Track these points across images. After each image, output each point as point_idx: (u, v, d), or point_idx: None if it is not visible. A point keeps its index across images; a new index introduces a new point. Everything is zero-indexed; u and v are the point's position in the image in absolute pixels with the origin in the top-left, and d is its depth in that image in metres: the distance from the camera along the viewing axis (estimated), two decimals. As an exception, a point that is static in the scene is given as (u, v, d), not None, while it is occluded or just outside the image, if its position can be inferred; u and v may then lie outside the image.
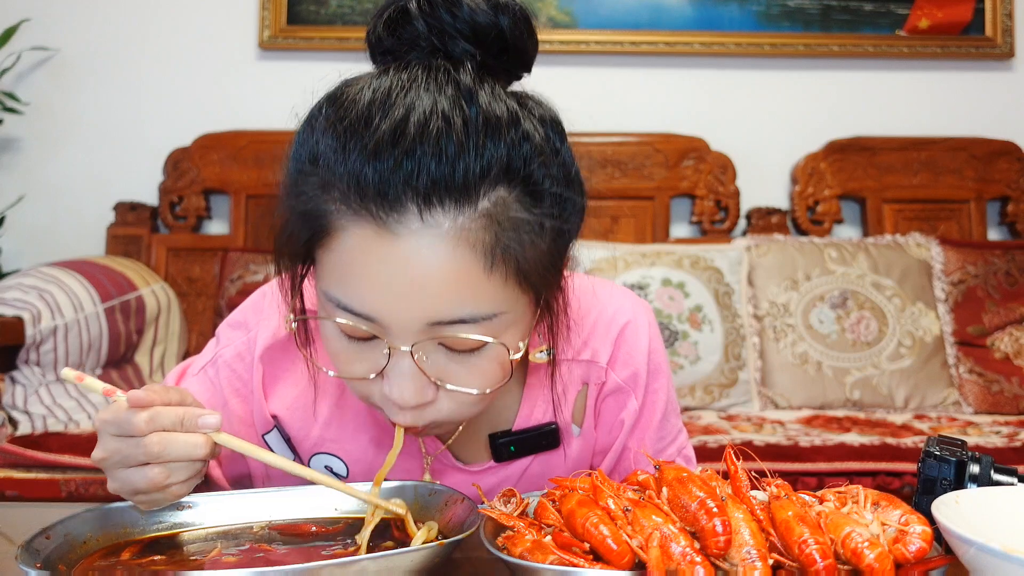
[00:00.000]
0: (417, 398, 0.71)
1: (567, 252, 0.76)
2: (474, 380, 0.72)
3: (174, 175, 2.75)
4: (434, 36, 0.71)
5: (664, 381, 0.95)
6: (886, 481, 1.76)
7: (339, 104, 0.69)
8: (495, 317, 0.69)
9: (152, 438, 0.71)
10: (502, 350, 0.71)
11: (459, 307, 0.68)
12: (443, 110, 0.66)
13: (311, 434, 0.93)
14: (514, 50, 0.73)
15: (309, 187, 0.69)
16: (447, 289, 0.67)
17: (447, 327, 0.68)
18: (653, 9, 2.81)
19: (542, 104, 0.74)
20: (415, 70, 0.69)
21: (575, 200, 0.73)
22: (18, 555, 0.62)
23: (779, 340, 2.42)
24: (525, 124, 0.69)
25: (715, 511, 0.61)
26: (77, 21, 2.82)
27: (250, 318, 0.94)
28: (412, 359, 0.70)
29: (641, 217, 2.75)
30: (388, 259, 0.66)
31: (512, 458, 0.92)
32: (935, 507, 0.61)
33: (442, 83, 0.68)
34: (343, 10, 2.80)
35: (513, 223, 0.67)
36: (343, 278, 0.69)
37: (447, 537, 0.67)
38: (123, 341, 2.33)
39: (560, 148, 0.72)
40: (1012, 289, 2.52)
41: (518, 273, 0.69)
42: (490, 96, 0.69)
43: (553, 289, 0.76)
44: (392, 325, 0.68)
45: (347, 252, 0.68)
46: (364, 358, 0.73)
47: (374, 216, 0.65)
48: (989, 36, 2.83)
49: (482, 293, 0.68)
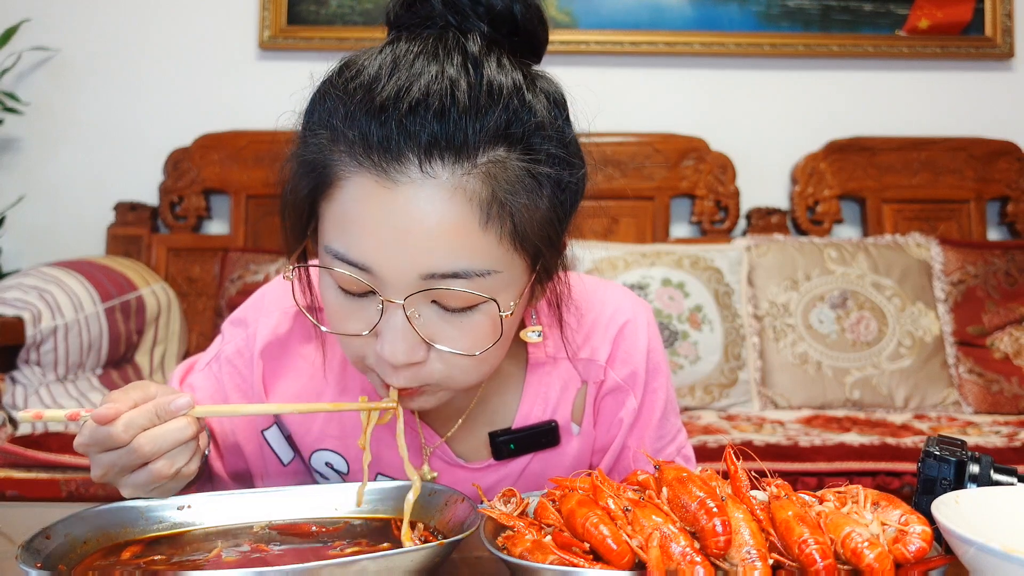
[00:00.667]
0: (408, 356, 0.72)
1: (566, 223, 0.78)
2: (465, 341, 0.73)
3: (174, 175, 2.75)
4: (449, 13, 0.73)
5: (663, 380, 0.95)
6: (886, 481, 1.76)
7: (350, 67, 0.72)
8: (489, 275, 0.70)
9: (140, 440, 0.73)
10: (493, 308, 0.72)
11: (454, 260, 0.69)
12: (449, 74, 0.69)
13: (312, 430, 0.93)
14: (524, 33, 0.75)
15: (317, 139, 0.72)
16: (442, 240, 0.68)
17: (440, 280, 0.69)
18: (653, 9, 2.82)
19: (549, 80, 0.77)
20: (427, 40, 0.72)
21: (575, 166, 0.75)
22: (18, 555, 0.62)
23: (779, 340, 2.42)
24: (528, 95, 0.71)
25: (715, 511, 0.61)
26: (77, 21, 2.82)
27: (250, 315, 0.95)
28: (404, 315, 0.71)
29: (641, 217, 2.75)
30: (386, 207, 0.68)
31: (512, 456, 0.92)
32: (935, 507, 0.61)
33: (451, 49, 0.70)
34: (343, 10, 2.80)
35: (510, 181, 0.70)
36: (343, 228, 0.71)
37: (447, 537, 0.67)
38: (123, 341, 2.33)
39: (561, 123, 0.75)
40: (1012, 289, 2.52)
41: (514, 232, 0.70)
42: (496, 65, 0.71)
43: (551, 257, 0.77)
44: (387, 276, 0.70)
45: (348, 202, 0.70)
46: (359, 316, 0.74)
47: (376, 166, 0.68)
48: (989, 36, 2.83)
49: (477, 247, 0.69)
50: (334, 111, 0.71)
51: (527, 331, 0.80)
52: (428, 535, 0.73)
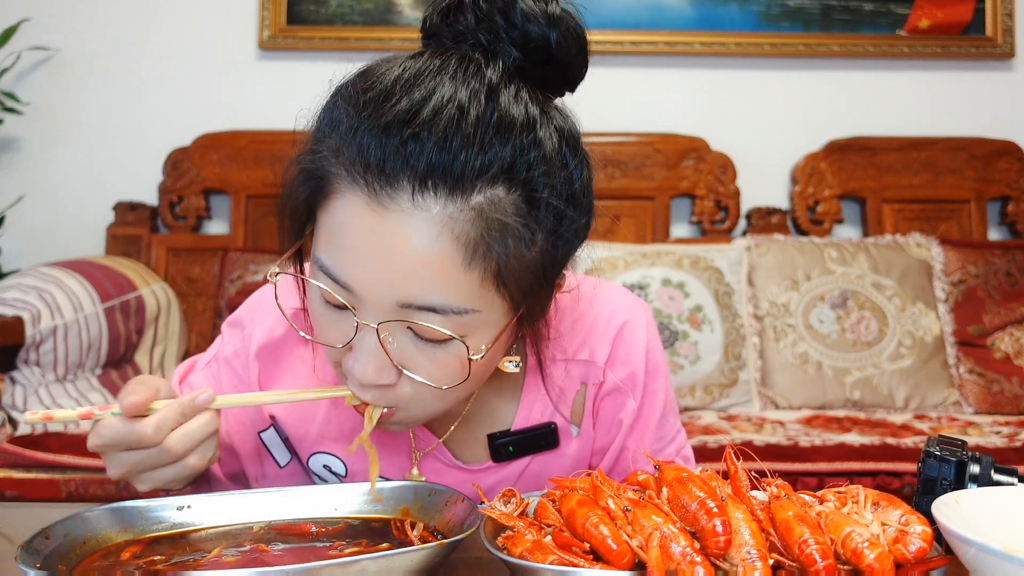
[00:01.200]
0: (376, 377, 0.72)
1: (559, 269, 0.76)
2: (435, 373, 0.73)
3: (174, 175, 2.75)
4: (482, 33, 0.71)
5: (662, 381, 0.94)
6: (886, 481, 1.76)
7: (367, 77, 0.71)
8: (466, 313, 0.69)
9: (171, 440, 0.74)
10: (463, 348, 0.71)
11: (431, 294, 0.68)
12: (461, 100, 0.67)
13: (310, 433, 0.93)
14: (557, 63, 0.73)
15: (322, 148, 0.71)
16: (423, 272, 0.67)
17: (416, 312, 0.69)
18: (653, 9, 2.81)
19: (566, 116, 0.74)
20: (449, 58, 0.70)
21: (575, 218, 0.73)
22: (18, 555, 0.62)
23: (779, 340, 2.42)
24: (540, 131, 0.69)
25: (715, 511, 0.61)
26: (77, 21, 2.82)
27: (247, 317, 0.95)
28: (378, 338, 0.70)
29: (641, 217, 2.75)
30: (373, 232, 0.67)
31: (511, 458, 0.92)
32: (935, 507, 0.61)
33: (469, 75, 0.69)
34: (343, 10, 2.80)
35: (502, 225, 0.68)
36: (331, 242, 0.71)
37: (447, 537, 0.67)
38: (123, 341, 2.33)
39: (570, 163, 0.72)
40: (1012, 289, 2.52)
41: (497, 276, 0.69)
42: (512, 96, 0.69)
43: (536, 303, 0.75)
44: (364, 298, 0.70)
45: (339, 217, 0.69)
46: (337, 327, 0.74)
47: (369, 187, 0.67)
48: (989, 36, 2.83)
49: (457, 285, 0.68)
50: (341, 121, 0.70)
51: (505, 360, 0.79)
52: (428, 535, 0.73)
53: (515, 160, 0.67)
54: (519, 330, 0.78)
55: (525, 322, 0.76)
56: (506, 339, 0.76)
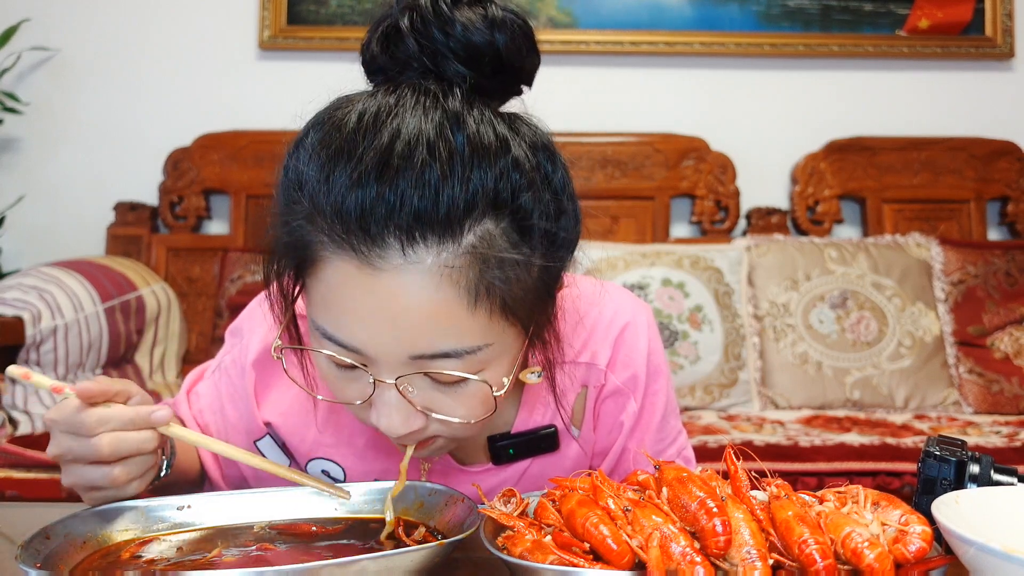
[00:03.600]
0: (404, 427, 0.71)
1: (558, 279, 0.75)
2: (461, 410, 0.72)
3: (174, 175, 2.75)
4: (426, 56, 0.68)
5: (663, 382, 0.94)
6: (886, 481, 1.76)
7: (326, 129, 0.67)
8: (479, 350, 0.69)
9: (103, 439, 0.73)
10: (485, 387, 0.70)
11: (442, 342, 0.67)
12: (428, 139, 0.64)
13: (307, 439, 0.92)
14: (510, 69, 0.70)
15: (295, 216, 0.68)
16: (429, 325, 0.66)
17: (430, 361, 0.68)
18: (653, 9, 2.81)
19: (534, 128, 0.72)
20: (404, 93, 0.67)
21: (566, 231, 0.72)
22: (18, 555, 0.62)
23: (779, 340, 2.42)
24: (515, 151, 0.67)
25: (715, 511, 0.61)
26: (77, 21, 2.82)
27: (245, 325, 0.95)
28: (397, 391, 0.70)
29: (641, 217, 2.75)
30: (370, 293, 0.65)
31: (511, 461, 0.91)
32: (935, 507, 0.61)
33: (429, 109, 0.66)
34: (343, 10, 2.80)
35: (499, 259, 0.66)
36: (328, 308, 0.68)
37: (446, 537, 0.67)
38: (123, 341, 2.33)
39: (551, 175, 0.70)
40: (1012, 289, 2.52)
41: (504, 308, 0.68)
42: (479, 122, 0.66)
43: (542, 317, 0.75)
44: (376, 358, 0.68)
45: (331, 283, 0.67)
46: (353, 386, 0.73)
47: (356, 250, 0.64)
48: (989, 36, 2.83)
49: (465, 328, 0.67)
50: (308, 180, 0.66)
51: (527, 372, 0.78)
52: (428, 535, 0.73)
53: (497, 187, 0.65)
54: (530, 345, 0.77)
55: (535, 337, 0.76)
56: (520, 365, 0.76)
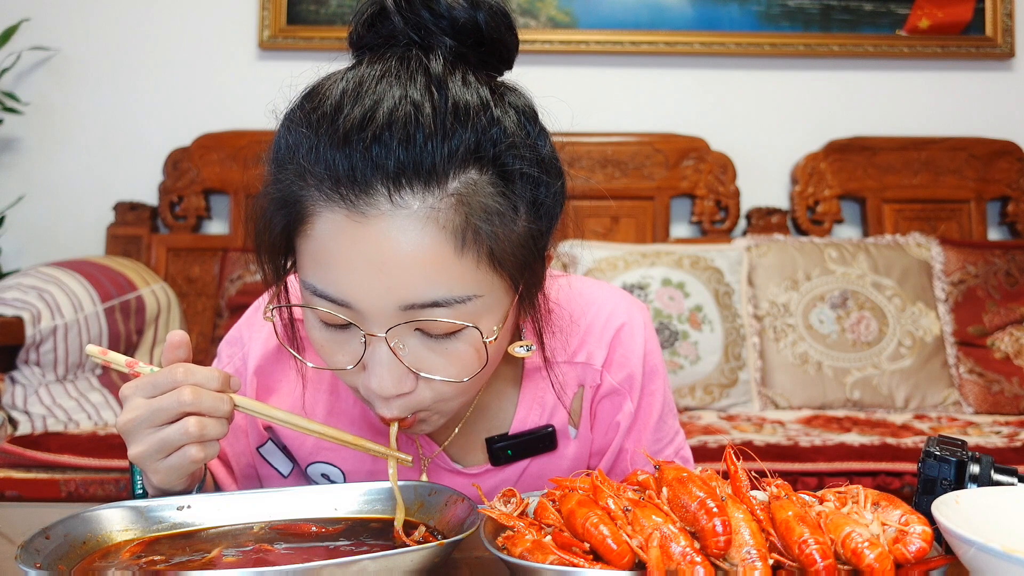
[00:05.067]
0: (395, 387, 0.72)
1: (547, 239, 0.76)
2: (451, 369, 0.72)
3: (174, 175, 2.75)
4: (411, 31, 0.71)
5: (660, 383, 0.94)
6: (886, 481, 1.76)
7: (313, 97, 0.71)
8: (469, 300, 0.69)
9: (186, 389, 0.73)
10: (476, 334, 0.71)
11: (431, 289, 0.68)
12: (412, 97, 0.67)
13: (307, 443, 0.93)
14: (491, 43, 0.73)
15: (286, 176, 0.70)
16: (418, 270, 0.67)
17: (420, 311, 0.69)
18: (653, 9, 2.81)
19: (519, 93, 0.75)
20: (389, 61, 0.70)
21: (551, 182, 0.74)
22: (18, 555, 0.62)
23: (779, 340, 2.42)
24: (496, 111, 0.70)
25: (715, 511, 0.61)
26: (77, 21, 2.82)
27: (244, 334, 0.95)
28: (388, 346, 0.70)
29: (641, 217, 2.75)
30: (359, 242, 0.67)
31: (509, 462, 0.91)
32: (935, 507, 0.61)
33: (414, 71, 0.69)
34: (343, 10, 2.80)
35: (484, 205, 0.68)
36: (318, 264, 0.70)
37: (447, 537, 0.67)
38: (123, 341, 2.33)
39: (534, 136, 0.73)
40: (1012, 289, 2.52)
41: (491, 256, 0.69)
42: (461, 83, 0.69)
43: (532, 276, 0.76)
44: (366, 310, 0.69)
45: (321, 237, 0.69)
46: (344, 349, 0.73)
47: (345, 200, 0.67)
48: (989, 36, 2.83)
49: (454, 274, 0.68)
50: (299, 144, 0.69)
51: (516, 346, 0.79)
52: (428, 535, 0.73)
53: (480, 141, 0.68)
54: (521, 311, 0.78)
55: (524, 299, 0.77)
56: (512, 321, 0.76)
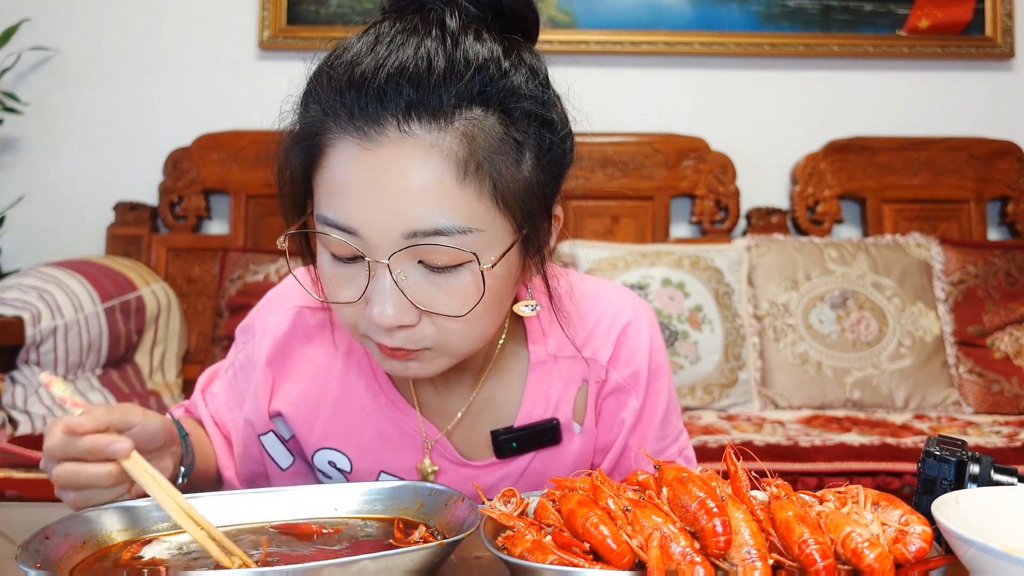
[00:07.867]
0: (397, 318, 0.73)
1: (554, 194, 0.79)
2: (453, 303, 0.74)
3: (174, 175, 2.75)
4: None
5: (665, 381, 0.95)
6: (886, 481, 1.76)
7: (339, 47, 0.76)
8: (470, 232, 0.72)
9: (61, 468, 0.73)
10: (477, 270, 0.73)
11: (434, 216, 0.71)
12: (427, 46, 0.71)
13: (315, 429, 0.94)
14: (511, 14, 0.77)
15: (308, 115, 0.76)
16: (421, 197, 0.70)
17: (423, 238, 0.71)
18: (653, 9, 2.81)
19: (536, 55, 0.78)
20: (410, 19, 0.74)
21: (555, 128, 0.77)
22: (18, 555, 0.62)
23: (779, 340, 2.42)
24: (505, 63, 0.73)
25: (715, 511, 0.61)
26: (77, 21, 2.82)
27: (257, 322, 0.97)
28: (391, 276, 0.72)
29: (641, 217, 2.75)
30: (368, 168, 0.71)
31: (514, 455, 0.92)
32: (935, 507, 0.61)
33: (431, 24, 0.73)
34: (343, 10, 2.80)
35: (488, 141, 0.72)
36: (331, 194, 0.74)
37: (446, 537, 0.67)
38: (123, 341, 2.33)
39: (541, 90, 0.76)
40: (1012, 289, 2.52)
41: (494, 191, 0.72)
42: (475, 37, 0.73)
43: (537, 223, 0.77)
44: (371, 237, 0.72)
45: (334, 167, 0.73)
46: (350, 283, 0.76)
47: (358, 130, 0.71)
48: (989, 36, 2.83)
49: (455, 204, 0.71)
50: (322, 87, 0.74)
51: (521, 304, 0.82)
52: (428, 535, 0.73)
53: (486, 84, 0.72)
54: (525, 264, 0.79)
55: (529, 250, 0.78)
56: (514, 268, 0.78)
